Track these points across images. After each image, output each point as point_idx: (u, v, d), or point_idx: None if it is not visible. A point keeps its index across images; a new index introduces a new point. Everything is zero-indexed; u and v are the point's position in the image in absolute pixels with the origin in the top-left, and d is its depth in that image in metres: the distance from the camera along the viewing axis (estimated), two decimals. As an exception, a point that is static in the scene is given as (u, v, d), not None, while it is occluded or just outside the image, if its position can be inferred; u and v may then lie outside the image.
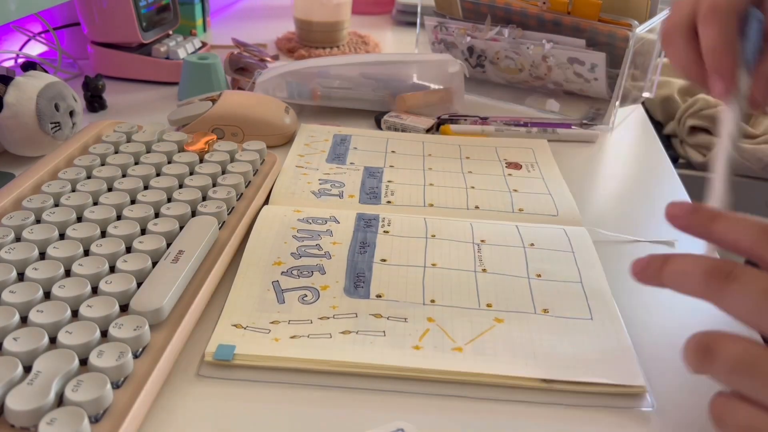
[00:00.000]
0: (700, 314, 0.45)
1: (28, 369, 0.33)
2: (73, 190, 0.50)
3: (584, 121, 0.73)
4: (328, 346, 0.40)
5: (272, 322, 0.41)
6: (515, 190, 0.59)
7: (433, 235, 0.51)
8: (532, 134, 0.71)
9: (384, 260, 0.48)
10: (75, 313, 0.38)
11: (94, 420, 0.32)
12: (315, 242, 0.49)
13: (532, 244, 0.50)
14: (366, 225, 0.51)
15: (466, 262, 0.48)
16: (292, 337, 0.40)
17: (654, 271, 0.32)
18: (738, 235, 0.31)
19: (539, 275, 0.47)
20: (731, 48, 0.39)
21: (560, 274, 0.47)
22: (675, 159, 1.30)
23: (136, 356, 0.36)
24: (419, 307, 0.43)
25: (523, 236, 0.51)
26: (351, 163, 0.62)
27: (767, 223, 0.31)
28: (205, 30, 1.05)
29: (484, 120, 0.72)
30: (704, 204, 0.34)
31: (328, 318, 0.42)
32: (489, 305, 0.44)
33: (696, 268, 0.31)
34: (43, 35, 0.85)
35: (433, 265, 0.47)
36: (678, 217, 0.33)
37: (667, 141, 1.38)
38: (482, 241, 0.50)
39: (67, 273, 0.41)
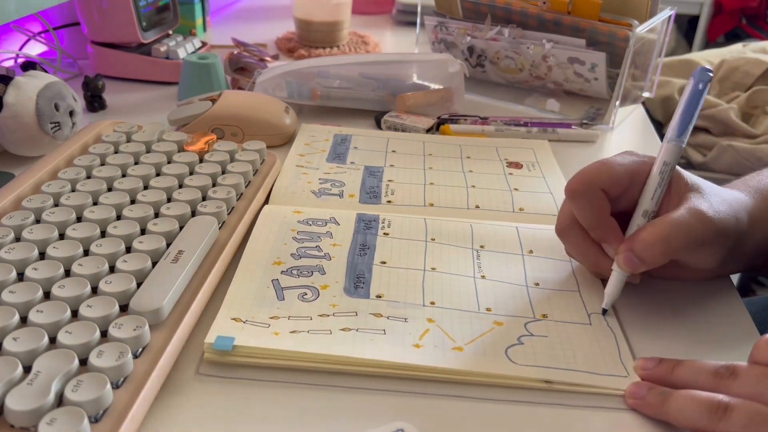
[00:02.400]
0: (697, 318, 0.45)
1: (27, 369, 0.33)
2: (73, 190, 0.50)
3: (584, 121, 0.73)
4: (328, 341, 0.40)
5: (272, 317, 0.41)
6: (516, 189, 0.59)
7: (433, 239, 0.50)
8: (532, 134, 0.71)
9: (384, 262, 0.48)
10: (75, 313, 0.38)
11: (94, 420, 0.32)
12: (315, 244, 0.49)
13: (531, 251, 0.50)
14: (366, 227, 0.51)
15: (465, 268, 0.48)
16: (291, 332, 0.40)
17: (654, 407, 0.36)
18: (696, 377, 0.37)
19: (537, 284, 0.47)
20: (601, 219, 0.44)
21: (558, 283, 0.47)
22: (675, 159, 1.30)
23: (135, 356, 0.36)
24: (419, 308, 0.43)
25: (522, 241, 0.51)
26: (351, 163, 0.62)
27: (716, 365, 0.37)
28: (204, 30, 1.05)
29: (484, 120, 0.72)
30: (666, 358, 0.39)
31: (328, 315, 0.42)
32: (488, 309, 0.44)
33: (697, 405, 0.34)
34: (42, 35, 0.85)
35: (433, 269, 0.47)
36: (645, 368, 0.39)
37: (667, 141, 1.38)
38: (481, 246, 0.50)
39: (67, 273, 0.41)
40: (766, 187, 0.48)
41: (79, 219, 0.47)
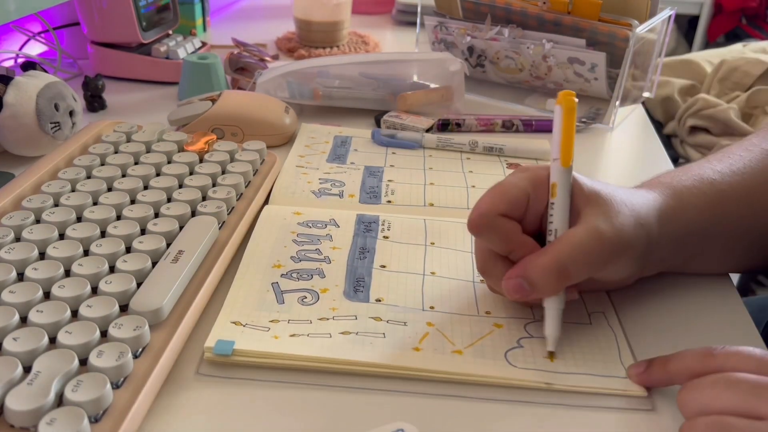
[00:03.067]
0: (697, 318, 0.45)
1: (27, 369, 0.33)
2: (73, 190, 0.50)
3: (584, 120, 0.73)
4: (328, 345, 0.40)
5: (271, 321, 0.41)
6: (515, 190, 0.59)
7: (432, 243, 0.50)
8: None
9: (383, 266, 0.47)
10: (75, 313, 0.38)
11: (94, 420, 0.32)
12: (315, 246, 0.49)
13: None
14: (366, 229, 0.51)
15: (464, 272, 0.48)
16: (291, 336, 0.40)
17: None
18: (687, 364, 0.36)
19: None
20: (515, 242, 0.41)
21: None
22: (675, 159, 1.30)
23: (135, 356, 0.36)
24: (419, 312, 0.43)
25: None
26: (351, 163, 0.62)
27: (700, 350, 0.36)
28: (204, 30, 1.05)
29: (489, 121, 0.72)
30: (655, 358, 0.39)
31: (328, 319, 0.42)
32: (488, 312, 0.44)
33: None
34: (42, 35, 0.85)
35: (432, 273, 0.47)
36: (638, 374, 0.38)
37: (667, 141, 1.38)
38: None
39: (67, 273, 0.41)
40: (680, 184, 0.45)
41: (79, 219, 0.47)
